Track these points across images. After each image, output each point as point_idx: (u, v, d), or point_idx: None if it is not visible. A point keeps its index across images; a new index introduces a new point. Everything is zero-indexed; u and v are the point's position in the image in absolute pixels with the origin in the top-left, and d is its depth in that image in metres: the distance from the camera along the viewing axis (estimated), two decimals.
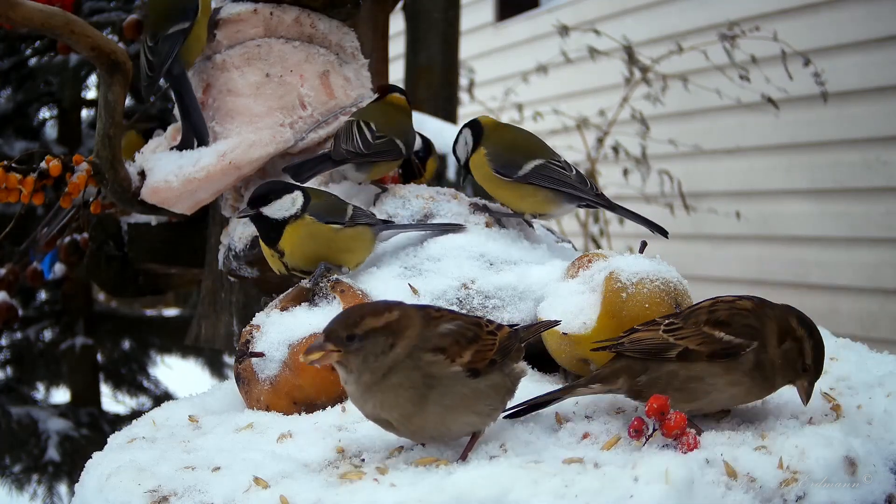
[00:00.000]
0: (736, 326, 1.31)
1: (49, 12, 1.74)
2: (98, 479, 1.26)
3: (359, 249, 1.76)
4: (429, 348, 1.20)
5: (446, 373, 1.20)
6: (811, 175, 4.68)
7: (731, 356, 1.30)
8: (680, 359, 1.32)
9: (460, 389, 1.21)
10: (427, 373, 1.19)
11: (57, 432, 3.68)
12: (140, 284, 2.83)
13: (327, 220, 1.72)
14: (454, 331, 1.23)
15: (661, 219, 1.97)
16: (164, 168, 1.99)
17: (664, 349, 1.33)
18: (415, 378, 1.19)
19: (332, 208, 1.75)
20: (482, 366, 1.23)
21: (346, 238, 1.73)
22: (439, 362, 1.20)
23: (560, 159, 1.88)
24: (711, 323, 1.32)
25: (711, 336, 1.31)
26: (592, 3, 5.87)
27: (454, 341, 1.22)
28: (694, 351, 1.31)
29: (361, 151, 1.87)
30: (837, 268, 4.55)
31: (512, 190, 1.87)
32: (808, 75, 4.08)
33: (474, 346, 1.23)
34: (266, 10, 2.03)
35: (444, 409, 1.21)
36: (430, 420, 1.21)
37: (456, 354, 1.21)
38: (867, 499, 1.15)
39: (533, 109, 5.47)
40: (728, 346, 1.30)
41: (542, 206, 1.88)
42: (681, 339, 1.33)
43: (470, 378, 1.22)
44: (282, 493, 1.12)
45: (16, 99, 3.87)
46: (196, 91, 2.05)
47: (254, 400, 1.55)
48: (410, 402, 1.19)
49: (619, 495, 1.06)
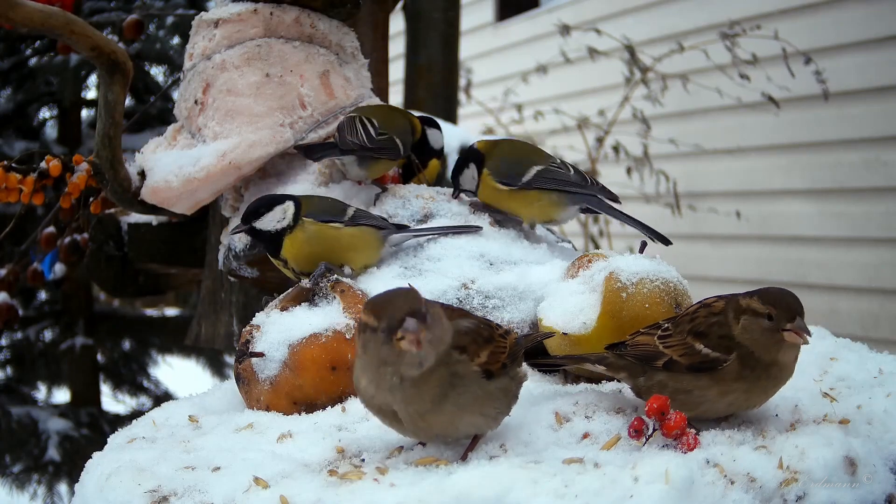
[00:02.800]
0: (712, 338, 1.27)
1: (49, 12, 1.74)
2: (98, 479, 1.26)
3: (363, 249, 1.76)
4: (453, 345, 1.18)
5: (468, 372, 1.18)
6: (811, 175, 4.68)
7: (709, 370, 1.26)
8: (665, 368, 1.30)
9: (476, 390, 1.19)
10: (454, 371, 1.17)
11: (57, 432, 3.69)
12: (140, 284, 2.83)
13: (325, 220, 1.72)
14: (472, 329, 1.21)
15: (661, 219, 1.98)
16: (164, 168, 1.99)
17: (654, 357, 1.31)
18: (443, 374, 1.16)
19: (329, 208, 1.76)
20: (496, 368, 1.22)
21: (348, 237, 1.73)
22: (464, 361, 1.18)
23: (557, 161, 1.90)
24: (693, 333, 1.28)
25: (692, 347, 1.28)
26: (593, 2, 5.86)
27: (472, 340, 1.20)
28: (676, 362, 1.28)
29: (366, 144, 1.88)
30: (837, 268, 4.55)
31: (518, 198, 1.88)
32: (809, 75, 4.08)
33: (490, 346, 1.22)
34: (266, 10, 2.03)
35: (458, 409, 1.19)
36: (443, 418, 1.19)
37: (474, 354, 1.19)
38: (867, 499, 1.15)
39: (533, 109, 5.47)
40: (706, 360, 1.26)
41: (548, 211, 1.89)
42: (668, 347, 1.30)
43: (484, 379, 1.20)
44: (282, 493, 1.12)
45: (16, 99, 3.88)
46: (196, 91, 2.05)
47: (254, 400, 1.55)
48: (431, 400, 1.16)
49: (619, 495, 1.06)
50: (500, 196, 1.90)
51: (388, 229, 1.79)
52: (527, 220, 1.91)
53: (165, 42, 3.83)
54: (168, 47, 3.81)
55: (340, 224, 1.73)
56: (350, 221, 1.74)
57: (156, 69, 4.00)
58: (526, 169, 1.87)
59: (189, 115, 2.08)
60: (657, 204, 4.83)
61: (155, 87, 3.92)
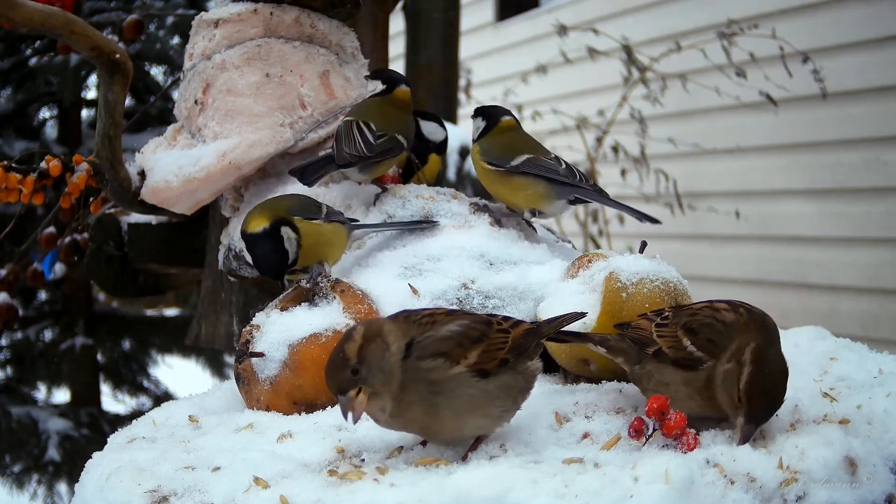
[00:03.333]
0: (701, 338, 1.27)
1: (49, 12, 1.74)
2: (98, 479, 1.26)
3: (337, 245, 1.78)
4: (427, 355, 1.19)
5: (448, 376, 1.19)
6: (811, 175, 4.68)
7: (690, 367, 1.27)
8: (654, 357, 1.30)
9: (466, 391, 1.20)
10: (430, 380, 1.18)
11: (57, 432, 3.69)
12: (140, 284, 2.83)
13: (308, 217, 1.72)
14: (458, 332, 1.21)
15: (661, 219, 1.97)
16: (164, 168, 1.99)
17: (647, 344, 1.32)
18: (421, 390, 1.18)
19: (306, 206, 1.76)
20: (492, 366, 1.21)
21: (329, 233, 1.74)
22: (439, 367, 1.19)
23: (551, 155, 1.90)
24: (685, 328, 1.29)
25: (680, 342, 1.28)
26: (592, 2, 5.86)
27: (457, 343, 1.20)
28: (664, 353, 1.29)
29: (365, 154, 1.85)
30: (837, 268, 4.55)
31: (505, 182, 1.88)
32: (808, 75, 4.08)
33: (480, 345, 1.21)
34: (266, 10, 2.03)
35: (455, 414, 1.20)
36: (447, 425, 1.21)
37: (460, 356, 1.20)
38: (867, 499, 1.15)
39: (532, 109, 5.47)
40: (689, 357, 1.27)
41: (535, 200, 1.87)
42: (660, 336, 1.31)
43: (477, 379, 1.20)
44: (282, 493, 1.12)
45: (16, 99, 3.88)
46: (196, 91, 2.05)
47: (254, 400, 1.55)
48: (424, 414, 1.19)
49: (619, 495, 1.06)
50: (487, 177, 1.90)
51: (348, 224, 1.80)
52: (512, 207, 1.90)
53: (165, 42, 3.83)
54: (168, 47, 3.81)
55: (320, 222, 1.74)
56: (326, 218, 1.75)
57: (156, 69, 4.00)
58: (515, 155, 1.87)
59: (189, 115, 2.08)
60: (657, 204, 4.83)
61: (155, 87, 3.92)
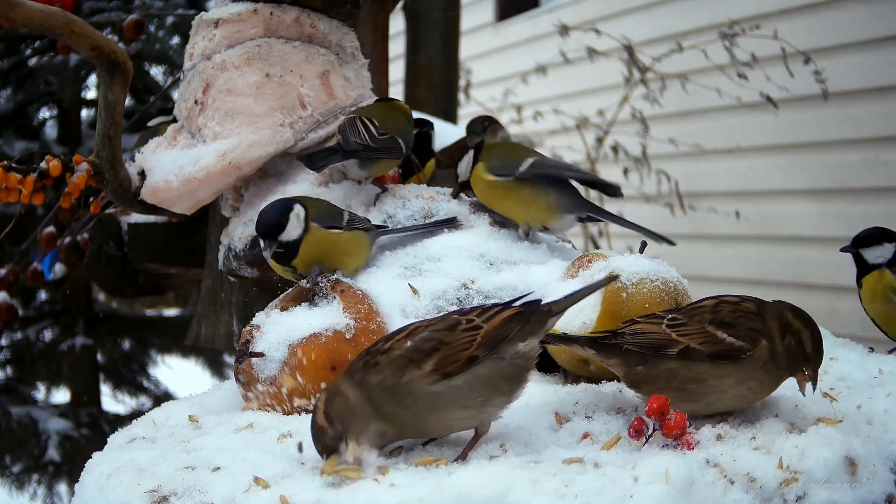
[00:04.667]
0: (740, 329, 1.31)
1: (49, 12, 1.74)
2: (98, 479, 1.26)
3: (357, 254, 1.76)
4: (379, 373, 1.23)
5: (402, 382, 1.22)
6: (811, 175, 4.67)
7: (731, 358, 1.29)
8: (680, 357, 1.31)
9: (430, 389, 1.22)
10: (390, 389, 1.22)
11: (57, 432, 3.69)
12: (140, 284, 2.84)
13: (328, 226, 1.72)
14: (410, 348, 1.24)
15: (661, 219, 1.98)
16: (164, 168, 1.99)
17: (666, 345, 1.32)
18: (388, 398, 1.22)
19: (330, 213, 1.76)
20: (455, 367, 1.23)
21: (346, 242, 1.73)
22: (390, 376, 1.23)
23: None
24: (716, 323, 1.32)
25: (714, 336, 1.31)
26: (592, 2, 5.86)
27: (408, 360, 1.23)
28: (695, 350, 1.30)
29: (369, 144, 1.87)
30: (837, 268, 4.54)
31: (512, 197, 1.87)
32: (809, 75, 4.08)
33: (436, 355, 1.24)
34: (266, 10, 2.03)
35: (429, 412, 1.23)
36: (429, 422, 1.24)
37: (413, 368, 1.23)
38: (867, 499, 1.15)
39: (532, 110, 5.46)
40: (730, 349, 1.29)
41: (544, 214, 1.88)
42: (683, 335, 1.32)
43: (438, 380, 1.23)
44: (282, 493, 1.12)
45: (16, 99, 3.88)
46: (196, 91, 2.05)
47: (254, 400, 1.55)
48: (407, 417, 1.23)
49: (619, 495, 1.06)
50: (494, 191, 1.89)
51: (373, 231, 1.80)
52: (521, 223, 1.90)
53: (165, 42, 3.83)
54: (168, 47, 3.81)
55: (341, 230, 1.73)
56: (348, 226, 1.74)
57: (156, 69, 4.00)
58: (521, 160, 1.88)
59: (189, 115, 2.08)
60: (657, 204, 4.83)
61: (155, 87, 3.92)
